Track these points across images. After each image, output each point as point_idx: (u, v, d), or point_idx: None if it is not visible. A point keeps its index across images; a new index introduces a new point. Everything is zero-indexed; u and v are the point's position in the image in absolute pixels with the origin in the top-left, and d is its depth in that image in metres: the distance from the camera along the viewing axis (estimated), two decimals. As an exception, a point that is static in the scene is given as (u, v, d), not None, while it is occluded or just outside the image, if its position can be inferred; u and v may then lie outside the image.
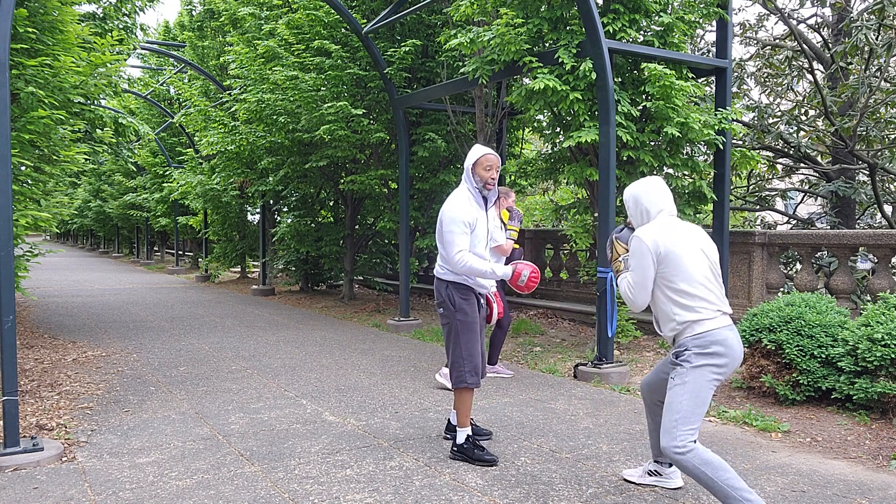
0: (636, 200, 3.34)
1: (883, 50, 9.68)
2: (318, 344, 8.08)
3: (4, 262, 3.95)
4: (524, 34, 6.68)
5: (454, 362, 4.04)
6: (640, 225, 3.34)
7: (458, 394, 4.07)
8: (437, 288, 4.14)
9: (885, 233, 6.49)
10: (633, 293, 3.22)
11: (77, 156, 6.92)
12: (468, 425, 4.08)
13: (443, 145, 10.15)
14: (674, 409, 3.12)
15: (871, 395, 4.73)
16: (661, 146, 7.01)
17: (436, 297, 4.15)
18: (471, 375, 4.01)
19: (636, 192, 3.36)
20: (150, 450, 4.23)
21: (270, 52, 10.58)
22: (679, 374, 3.15)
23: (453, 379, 4.05)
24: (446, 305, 4.05)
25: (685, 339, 3.15)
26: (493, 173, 4.04)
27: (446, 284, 4.07)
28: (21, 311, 10.72)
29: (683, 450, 3.07)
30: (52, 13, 6.21)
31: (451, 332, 4.06)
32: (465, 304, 4.04)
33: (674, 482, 3.62)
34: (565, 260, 10.45)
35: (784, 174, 14.03)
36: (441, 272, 4.11)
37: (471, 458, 3.98)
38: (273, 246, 14.68)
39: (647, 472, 3.68)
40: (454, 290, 4.04)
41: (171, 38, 21.73)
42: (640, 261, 3.18)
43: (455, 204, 3.99)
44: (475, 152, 4.07)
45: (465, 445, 4.03)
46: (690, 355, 3.13)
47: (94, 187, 29.59)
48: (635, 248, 3.20)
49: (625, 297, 3.27)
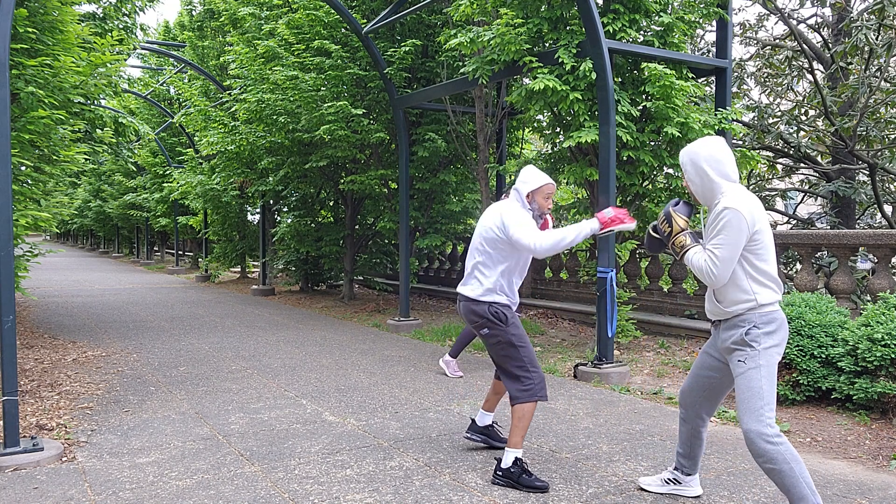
0: (701, 165, 3.04)
1: (883, 50, 9.68)
2: (318, 344, 8.09)
3: (4, 262, 3.95)
4: (524, 34, 6.68)
5: (520, 377, 3.68)
6: (703, 194, 3.07)
7: (521, 409, 3.64)
8: (474, 311, 3.78)
9: (885, 233, 6.49)
10: (719, 269, 2.95)
11: (77, 156, 6.92)
12: (522, 446, 3.70)
13: (443, 145, 10.15)
14: (757, 395, 2.94)
15: (871, 395, 4.73)
16: (661, 146, 7.01)
17: (471, 321, 3.82)
18: (541, 388, 3.68)
19: (704, 154, 3.04)
20: (150, 450, 4.23)
21: (270, 52, 10.59)
22: (751, 356, 2.97)
23: (521, 395, 3.65)
24: (493, 324, 3.74)
25: (751, 316, 2.98)
26: (550, 203, 3.84)
27: (487, 305, 3.76)
28: (21, 311, 10.72)
29: (778, 439, 2.89)
30: (52, 13, 6.21)
31: (505, 348, 3.73)
32: (514, 318, 3.80)
33: (694, 490, 3.51)
34: (565, 260, 10.45)
35: (784, 174, 14.04)
36: (477, 293, 3.78)
37: (518, 484, 3.59)
38: (273, 246, 14.68)
39: (665, 480, 3.54)
40: (500, 307, 3.76)
41: (171, 38, 21.73)
42: (736, 235, 2.91)
43: (519, 210, 3.73)
44: (538, 178, 3.78)
45: (512, 469, 3.62)
46: (759, 335, 2.97)
47: (94, 187, 29.60)
48: (732, 221, 2.90)
49: (703, 273, 2.99)
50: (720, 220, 2.94)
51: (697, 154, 3.05)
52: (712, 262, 2.96)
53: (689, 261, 3.06)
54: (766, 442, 2.89)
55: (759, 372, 2.96)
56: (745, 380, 2.97)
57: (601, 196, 6.20)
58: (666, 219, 3.14)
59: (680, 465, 3.50)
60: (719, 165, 3.02)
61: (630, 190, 7.14)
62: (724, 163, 3.03)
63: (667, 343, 7.63)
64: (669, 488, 3.53)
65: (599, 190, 6.24)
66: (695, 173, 3.06)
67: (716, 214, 2.97)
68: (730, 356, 3.07)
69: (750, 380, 2.96)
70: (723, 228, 2.93)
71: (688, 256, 3.06)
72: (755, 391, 2.94)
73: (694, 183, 3.08)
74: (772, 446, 2.88)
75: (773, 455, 2.87)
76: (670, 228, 3.13)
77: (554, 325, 9.33)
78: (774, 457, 2.87)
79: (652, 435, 4.58)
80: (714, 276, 2.96)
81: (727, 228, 2.92)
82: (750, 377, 2.96)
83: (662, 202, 7.14)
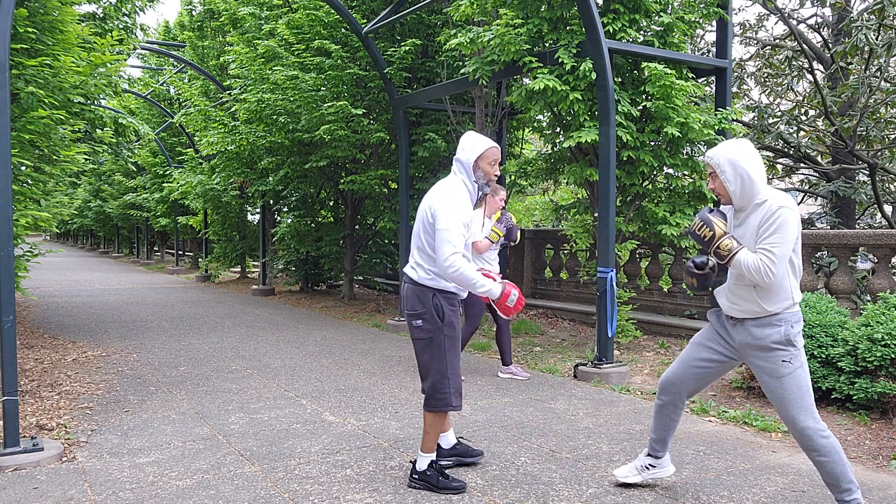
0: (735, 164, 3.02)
1: (883, 50, 9.68)
2: (318, 344, 8.08)
3: (4, 262, 3.95)
4: (524, 34, 6.68)
5: (437, 383, 3.49)
6: (741, 196, 3.04)
7: (433, 417, 3.54)
8: (415, 296, 3.49)
9: (885, 233, 6.49)
10: (777, 267, 2.93)
11: (77, 156, 6.92)
12: (434, 450, 3.63)
13: (443, 145, 10.15)
14: (807, 392, 3.04)
15: (871, 395, 4.73)
16: (661, 146, 7.01)
17: (410, 306, 3.51)
18: (456, 398, 3.52)
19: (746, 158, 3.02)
20: (150, 450, 4.23)
21: (270, 52, 10.59)
22: (795, 356, 3.04)
23: (434, 402, 3.52)
24: (430, 318, 3.45)
25: (787, 315, 3.03)
26: (496, 169, 3.58)
27: (433, 293, 3.46)
28: (21, 311, 10.72)
29: (828, 432, 3.01)
30: (52, 13, 6.21)
31: (433, 349, 3.48)
32: (454, 316, 3.52)
33: (669, 468, 3.60)
34: (565, 260, 10.45)
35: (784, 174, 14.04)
36: (423, 276, 3.48)
37: (435, 487, 3.54)
38: (273, 246, 14.68)
39: (644, 467, 3.58)
40: (443, 300, 3.47)
41: (171, 38, 21.72)
42: (792, 233, 2.94)
43: (454, 197, 3.42)
44: (480, 143, 3.52)
45: (428, 473, 3.58)
46: (796, 334, 3.04)
47: (94, 187, 29.60)
48: (790, 220, 2.93)
49: (759, 273, 2.94)
50: (776, 218, 2.94)
51: (738, 157, 3.03)
52: (770, 260, 2.93)
53: (740, 262, 2.99)
54: (821, 437, 3.00)
55: (804, 370, 3.06)
56: (794, 379, 3.03)
57: (601, 196, 6.20)
58: (705, 224, 3.08)
59: (653, 451, 3.56)
60: (759, 169, 3.03)
61: (630, 190, 7.14)
62: (761, 166, 3.05)
63: (667, 343, 7.63)
64: (648, 474, 3.58)
65: (599, 190, 6.24)
66: (735, 175, 3.03)
67: (770, 213, 2.96)
68: (766, 354, 3.08)
69: (799, 379, 3.04)
70: (780, 227, 2.93)
71: (739, 258, 3.00)
72: (805, 389, 3.04)
73: (733, 184, 3.04)
74: (826, 440, 3.00)
75: (828, 448, 3.00)
76: (712, 233, 3.06)
77: (554, 325, 9.33)
78: (829, 450, 3.00)
79: (652, 435, 4.58)
80: (773, 274, 2.94)
81: (785, 227, 2.93)
82: (798, 376, 3.04)
83: (663, 202, 7.14)
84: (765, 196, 3.01)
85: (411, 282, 3.54)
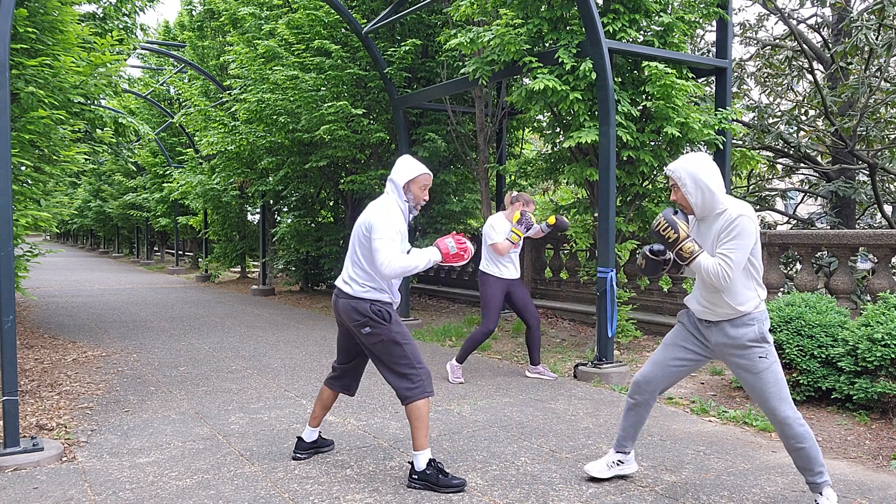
0: (696, 177, 3.18)
1: (883, 50, 9.68)
2: (318, 344, 8.08)
3: (4, 262, 3.95)
4: (524, 34, 6.68)
5: (408, 375, 3.61)
6: (703, 206, 3.21)
7: (418, 410, 3.59)
8: (352, 308, 3.65)
9: (885, 233, 6.49)
10: (734, 272, 3.11)
11: (77, 156, 6.92)
12: (428, 445, 3.63)
13: (443, 145, 10.15)
14: (783, 384, 3.23)
15: (871, 395, 4.73)
16: (661, 146, 7.01)
17: (350, 319, 3.67)
18: (429, 383, 3.65)
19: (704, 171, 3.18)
20: (151, 450, 4.23)
21: (270, 52, 10.59)
22: (769, 351, 3.23)
23: (411, 393, 3.59)
24: (376, 322, 3.62)
25: (757, 314, 3.22)
26: (426, 194, 3.80)
27: (369, 303, 3.63)
28: (21, 311, 10.72)
29: (803, 421, 3.21)
30: (52, 13, 6.21)
31: (390, 346, 3.63)
32: (396, 315, 3.72)
33: (633, 466, 3.75)
34: (565, 260, 10.45)
35: (784, 174, 14.04)
36: (358, 290, 3.66)
37: (436, 486, 3.55)
38: (273, 246, 14.68)
39: (613, 463, 3.70)
40: (382, 305, 3.66)
41: (171, 38, 21.73)
42: (748, 240, 3.12)
43: (386, 211, 3.66)
44: (414, 168, 3.74)
45: (428, 472, 3.58)
46: (766, 331, 3.23)
47: (94, 187, 29.61)
48: (747, 227, 3.11)
49: (717, 276, 3.12)
50: (735, 226, 3.12)
51: (698, 170, 3.19)
52: (727, 265, 3.11)
53: (700, 265, 3.16)
54: (799, 425, 3.19)
55: (778, 363, 3.25)
56: (771, 373, 3.21)
57: (601, 196, 6.20)
58: (670, 226, 3.19)
59: (622, 447, 3.69)
60: (717, 180, 3.20)
61: (630, 190, 7.14)
62: (719, 177, 3.22)
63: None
64: (616, 470, 3.70)
65: (599, 190, 6.24)
66: (696, 188, 3.19)
67: (729, 221, 3.13)
68: (743, 352, 3.24)
69: (775, 372, 3.22)
70: (738, 234, 3.11)
71: (699, 261, 3.16)
72: (781, 381, 3.22)
73: (694, 196, 3.21)
74: (803, 428, 3.20)
75: (805, 435, 3.19)
76: (676, 235, 3.19)
77: (554, 325, 9.33)
78: (806, 436, 3.19)
79: (651, 435, 4.58)
80: (729, 277, 3.12)
81: (742, 235, 3.11)
82: (775, 370, 3.22)
83: (663, 202, 7.14)
84: (725, 206, 3.19)
85: (346, 296, 3.71)
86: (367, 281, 3.67)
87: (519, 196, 6.14)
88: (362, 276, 3.68)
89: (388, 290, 3.72)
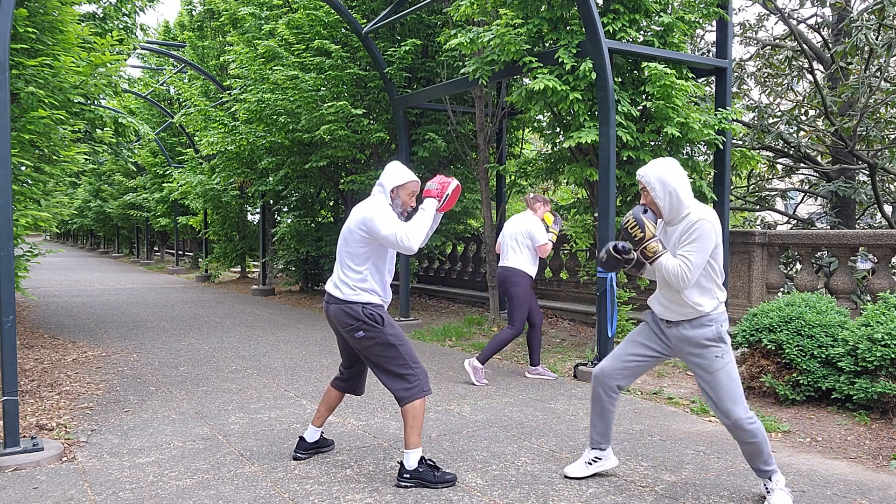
0: (664, 182, 3.29)
1: (883, 50, 9.68)
2: (318, 344, 8.08)
3: (4, 262, 3.95)
4: (524, 34, 6.68)
5: (404, 375, 3.62)
6: (670, 210, 3.32)
7: (412, 409, 3.60)
8: (344, 313, 3.63)
9: (885, 233, 6.49)
10: (693, 273, 3.22)
11: (77, 156, 6.92)
12: (420, 444, 3.65)
13: (443, 145, 10.15)
14: (737, 384, 3.34)
15: (871, 395, 4.73)
16: (661, 146, 7.01)
17: (342, 323, 3.65)
18: (426, 382, 3.67)
19: (673, 177, 3.30)
20: (150, 450, 4.23)
21: (270, 52, 10.59)
22: (725, 351, 3.35)
23: (409, 394, 3.61)
24: (369, 325, 3.61)
25: (716, 315, 3.35)
26: (413, 201, 3.80)
27: (361, 306, 3.62)
28: (21, 311, 10.72)
29: (754, 418, 3.33)
30: (52, 13, 6.21)
31: (385, 347, 3.63)
32: (388, 317, 3.70)
33: (612, 461, 3.78)
34: (565, 260, 10.45)
35: (784, 174, 14.03)
36: (348, 293, 3.64)
37: (431, 483, 3.59)
38: (273, 246, 14.68)
39: (590, 461, 3.75)
40: (374, 309, 3.65)
41: (171, 38, 21.73)
42: (708, 243, 3.24)
43: (377, 204, 3.64)
44: (405, 175, 3.74)
45: (420, 469, 3.61)
46: (724, 332, 3.35)
47: (94, 187, 29.61)
48: (707, 231, 3.23)
49: (677, 277, 3.22)
50: (695, 229, 3.24)
51: (666, 175, 3.31)
52: (687, 267, 3.23)
53: (662, 265, 3.27)
54: (749, 424, 3.30)
55: (733, 364, 3.37)
56: (725, 373, 3.33)
57: (601, 196, 6.20)
58: (638, 224, 3.29)
59: (596, 444, 3.75)
60: (685, 186, 3.33)
61: (630, 190, 7.14)
62: (687, 183, 3.36)
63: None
64: (595, 467, 3.75)
65: (599, 190, 6.24)
66: (664, 192, 3.31)
67: (690, 224, 3.26)
68: (700, 350, 3.37)
69: (730, 372, 3.34)
70: (699, 237, 3.23)
71: (661, 261, 3.27)
72: (735, 381, 3.34)
73: (663, 200, 3.33)
74: (753, 425, 3.31)
75: (755, 431, 3.31)
76: (643, 234, 3.29)
77: (554, 325, 9.33)
78: (757, 432, 3.31)
79: (652, 435, 4.58)
80: (688, 279, 3.24)
81: (702, 237, 3.23)
82: (730, 370, 3.34)
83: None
84: (689, 210, 3.31)
85: (336, 300, 3.68)
86: (357, 283, 3.65)
87: (539, 197, 6.34)
88: (353, 277, 3.66)
89: (379, 292, 3.71)
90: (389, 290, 3.82)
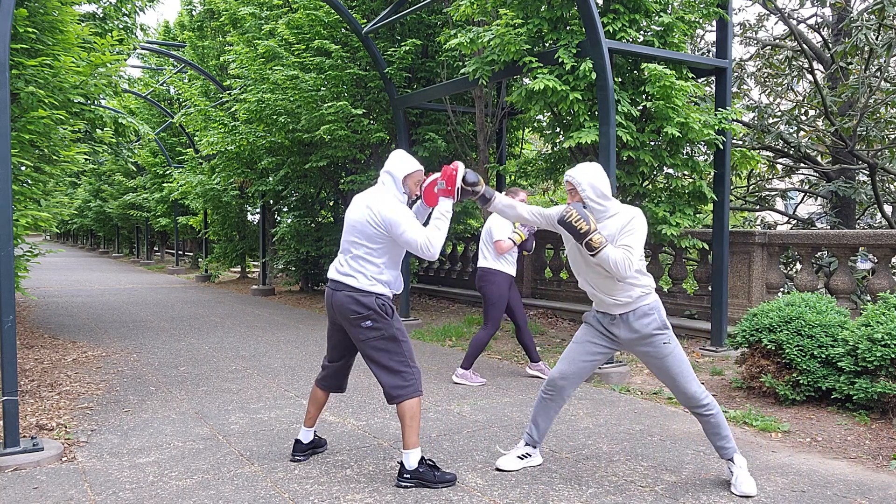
0: (593, 184, 3.56)
1: (883, 50, 9.68)
2: (318, 344, 8.08)
3: (4, 262, 3.95)
4: (524, 34, 6.68)
5: (402, 373, 3.60)
6: (597, 209, 3.57)
7: (409, 408, 3.58)
8: (355, 301, 3.59)
9: (885, 233, 6.49)
10: (632, 262, 3.43)
11: (77, 156, 6.92)
12: (419, 444, 3.64)
13: (443, 145, 10.15)
14: (688, 364, 3.60)
15: (871, 395, 4.73)
16: (661, 146, 7.01)
17: (352, 311, 3.60)
18: (420, 382, 3.67)
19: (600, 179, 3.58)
20: (150, 450, 4.23)
21: (270, 52, 10.59)
22: (671, 336, 3.60)
23: (404, 392, 3.59)
24: (379, 317, 3.59)
25: (653, 303, 3.61)
26: (418, 189, 3.78)
27: (375, 296, 3.60)
28: (21, 311, 10.72)
29: (707, 394, 3.59)
30: (52, 13, 6.21)
31: (389, 342, 3.62)
32: (394, 311, 3.70)
33: (538, 458, 3.98)
34: (565, 260, 10.45)
35: (784, 174, 14.04)
36: (365, 283, 3.61)
37: (432, 483, 3.58)
38: (273, 246, 14.68)
39: (523, 455, 3.91)
40: (386, 300, 3.65)
41: (171, 38, 21.73)
42: (643, 234, 3.52)
43: (393, 203, 3.62)
44: (409, 164, 3.72)
45: (421, 469, 3.60)
46: (665, 320, 3.61)
47: (94, 187, 29.62)
48: (642, 223, 3.53)
49: (621, 266, 3.42)
50: (633, 223, 3.52)
51: (593, 178, 3.57)
52: (629, 255, 3.44)
53: (606, 255, 3.42)
54: (705, 397, 3.57)
55: (679, 347, 3.61)
56: (676, 357, 3.57)
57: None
58: (583, 218, 3.45)
59: (532, 441, 3.92)
60: (608, 187, 3.62)
61: (630, 190, 7.14)
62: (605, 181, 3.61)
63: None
64: (524, 462, 3.92)
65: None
66: (594, 193, 3.57)
67: (629, 219, 3.53)
68: (648, 340, 3.59)
69: (678, 354, 3.58)
70: (636, 230, 3.50)
71: (606, 252, 3.43)
72: (685, 362, 3.59)
73: (593, 200, 3.58)
74: (709, 399, 3.59)
75: (712, 404, 3.58)
76: (588, 227, 3.43)
77: (554, 325, 9.33)
78: (712, 405, 3.58)
79: (652, 435, 4.58)
80: (631, 265, 3.45)
81: (639, 230, 3.51)
82: (678, 353, 3.58)
83: (663, 202, 7.14)
84: (617, 209, 3.59)
85: (349, 288, 3.64)
86: (376, 275, 3.64)
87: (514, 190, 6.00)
88: (372, 269, 3.63)
89: (392, 283, 3.72)
90: (401, 283, 3.82)
